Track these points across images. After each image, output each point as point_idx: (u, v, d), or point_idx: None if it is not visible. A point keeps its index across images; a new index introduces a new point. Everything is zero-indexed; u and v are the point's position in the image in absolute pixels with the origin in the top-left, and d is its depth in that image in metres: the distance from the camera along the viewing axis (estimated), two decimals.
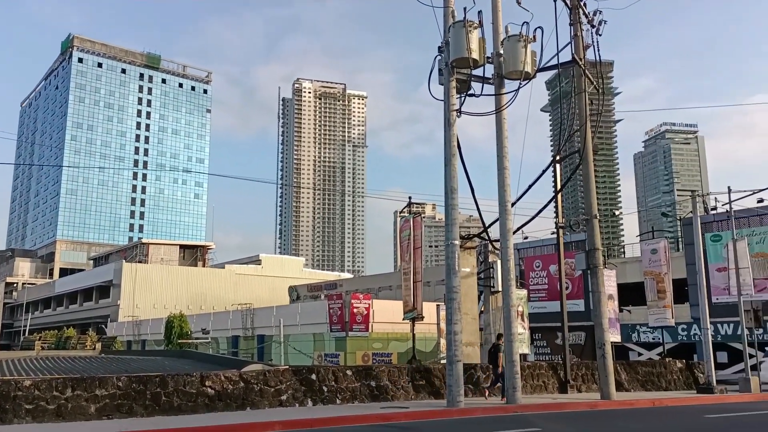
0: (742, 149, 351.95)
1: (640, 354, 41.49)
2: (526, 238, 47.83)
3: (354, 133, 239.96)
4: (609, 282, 24.79)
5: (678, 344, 40.20)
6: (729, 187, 22.53)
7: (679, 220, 43.14)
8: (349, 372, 15.41)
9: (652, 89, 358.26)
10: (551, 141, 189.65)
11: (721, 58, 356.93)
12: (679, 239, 42.08)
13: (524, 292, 30.32)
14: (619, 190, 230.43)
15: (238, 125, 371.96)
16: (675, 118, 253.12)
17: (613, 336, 24.43)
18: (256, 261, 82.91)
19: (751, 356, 37.57)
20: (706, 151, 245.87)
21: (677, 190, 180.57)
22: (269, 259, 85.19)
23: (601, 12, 18.04)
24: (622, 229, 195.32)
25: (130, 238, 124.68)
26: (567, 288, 44.66)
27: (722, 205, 29.99)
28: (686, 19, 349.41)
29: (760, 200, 35.79)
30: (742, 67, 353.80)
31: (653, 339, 41.57)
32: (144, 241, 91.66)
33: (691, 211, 43.37)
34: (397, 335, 36.82)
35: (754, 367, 36.49)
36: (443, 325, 18.90)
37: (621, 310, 42.16)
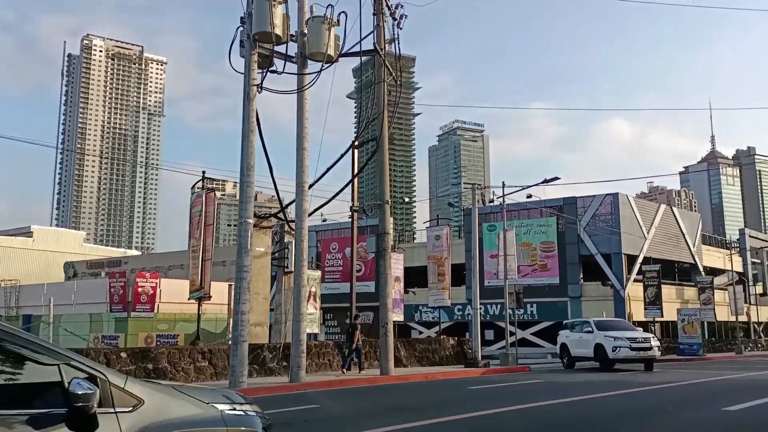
0: (520, 149, 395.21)
1: (420, 332, 44.66)
2: (324, 220, 48.78)
3: (150, 100, 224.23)
4: (397, 265, 26.14)
5: (454, 323, 43.98)
6: (503, 183, 24.98)
7: (462, 210, 46.93)
8: (123, 354, 14.41)
9: (448, 86, 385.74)
10: (355, 127, 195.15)
11: (510, 63, 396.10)
12: (461, 227, 45.92)
13: (318, 273, 30.78)
14: (415, 180, 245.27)
15: (10, 77, 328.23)
16: (467, 116, 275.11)
17: (397, 315, 25.87)
18: (27, 233, 74.02)
19: (512, 333, 42.40)
20: (489, 148, 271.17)
21: (463, 183, 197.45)
22: (43, 232, 76.41)
23: (402, 6, 18.75)
24: (416, 216, 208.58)
25: None
26: (360, 270, 46.59)
27: (497, 197, 33.22)
28: (484, 23, 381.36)
29: (529, 196, 40.20)
30: (525, 72, 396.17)
31: (433, 318, 44.92)
32: None
33: (483, 203, 47.27)
34: (186, 316, 35.24)
35: (514, 344, 41.22)
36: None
37: (407, 292, 44.98)
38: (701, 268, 45.79)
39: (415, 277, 40.99)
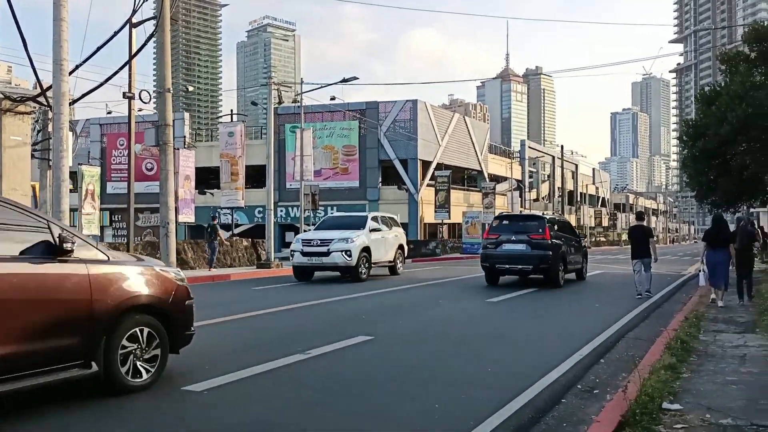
0: (333, 53, 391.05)
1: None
2: (110, 112, 44.01)
3: None
4: (187, 162, 24.42)
5: (255, 225, 43.22)
6: (302, 79, 23.90)
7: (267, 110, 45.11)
8: None
9: None
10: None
11: None
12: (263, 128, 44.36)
13: (97, 169, 27.82)
14: (221, 74, 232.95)
15: None
16: (279, 13, 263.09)
17: (187, 216, 24.45)
18: None
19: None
20: (302, 50, 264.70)
21: (273, 82, 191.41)
22: None
23: None
24: (222, 113, 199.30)
25: None
26: (152, 168, 43.31)
27: (299, 94, 32.13)
28: None
29: (332, 98, 39.73)
30: None
31: (234, 221, 43.77)
32: None
33: (279, 103, 45.52)
34: None
35: (288, 245, 41.76)
36: None
37: (204, 192, 43.00)
38: (486, 175, 49.57)
39: (216, 178, 39.07)
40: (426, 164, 41.72)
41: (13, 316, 4.38)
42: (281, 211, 41.41)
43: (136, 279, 5.36)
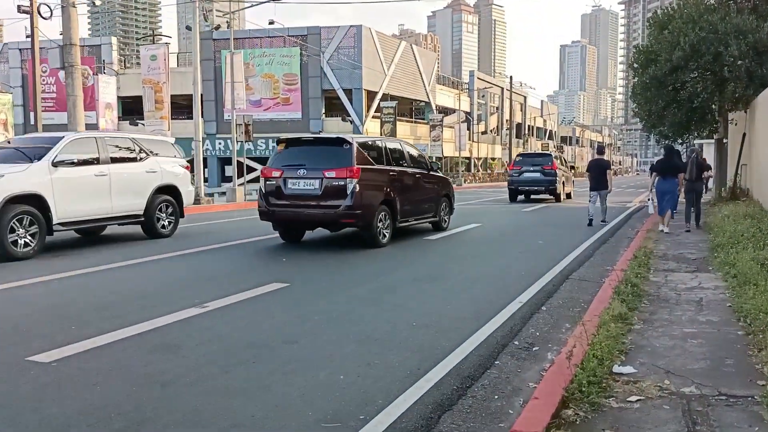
0: None
1: None
2: (28, 36, 40.34)
3: None
4: (107, 89, 22.40)
5: (190, 159, 41.15)
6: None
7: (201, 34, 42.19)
8: None
9: None
10: None
11: None
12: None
13: (8, 96, 25.51)
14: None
15: None
16: None
17: None
18: None
19: (253, 169, 41.13)
20: None
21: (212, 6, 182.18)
22: None
23: None
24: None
25: None
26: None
27: (229, 13, 29.70)
28: None
29: (271, 22, 37.30)
30: None
31: None
32: None
33: (216, 27, 42.60)
34: None
35: (252, 180, 40.12)
36: None
37: (135, 123, 40.42)
38: (434, 107, 48.31)
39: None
40: (371, 95, 40.11)
41: None
42: (220, 143, 39.41)
43: None
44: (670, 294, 6.33)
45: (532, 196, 23.13)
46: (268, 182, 9.98)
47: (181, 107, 41.11)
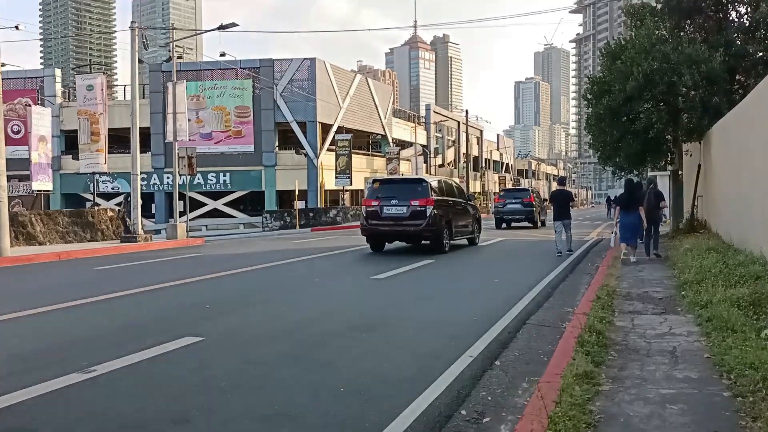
0: (236, 15, 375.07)
1: (98, 204, 39.34)
2: None
3: None
4: (41, 120, 21.06)
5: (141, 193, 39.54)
6: (173, 24, 20.88)
7: (151, 67, 41.07)
8: None
9: None
10: None
11: None
12: (147, 87, 40.26)
13: None
14: (116, 29, 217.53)
15: None
16: None
17: (43, 183, 21.20)
18: None
19: (203, 204, 39.74)
20: (203, 11, 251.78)
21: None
22: None
23: None
24: (117, 77, 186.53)
25: None
26: (19, 131, 38.41)
27: (184, 49, 28.77)
28: None
29: (222, 54, 36.47)
30: None
31: (112, 189, 39.88)
32: None
33: (169, 59, 41.57)
34: None
35: (201, 216, 38.73)
36: None
37: (78, 158, 38.73)
38: (390, 140, 47.91)
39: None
40: (326, 127, 39.41)
41: None
42: (168, 177, 37.98)
43: None
44: (640, 342, 5.55)
45: (513, 224, 26.65)
46: (369, 209, 13.98)
47: (128, 141, 39.70)
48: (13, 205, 38.23)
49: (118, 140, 38.71)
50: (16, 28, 18.92)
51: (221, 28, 19.76)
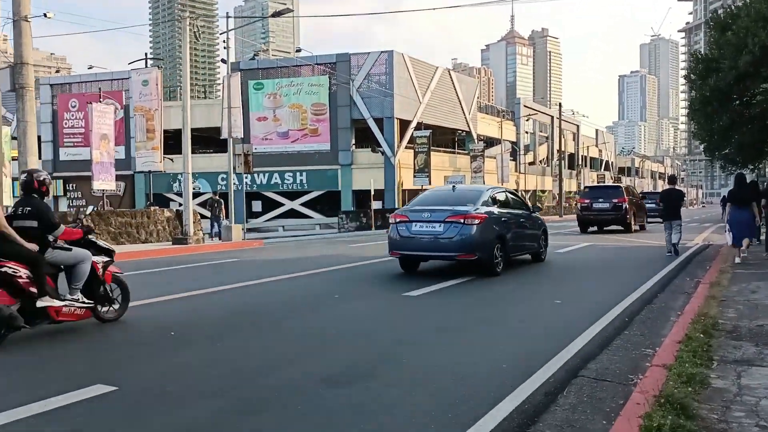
0: (335, 19, 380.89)
1: (180, 204, 39.73)
2: (57, 71, 40.17)
3: None
4: (103, 119, 20.71)
5: (220, 193, 39.54)
6: (227, 13, 19.85)
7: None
8: None
9: None
10: None
11: None
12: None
13: (6, 129, 24.24)
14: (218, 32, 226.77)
15: None
16: None
17: (106, 183, 20.85)
18: None
19: (280, 204, 39.14)
20: (300, 13, 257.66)
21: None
22: None
23: None
24: (218, 71, 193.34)
25: None
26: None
27: (263, 51, 28.02)
28: None
29: (298, 50, 35.65)
30: None
31: (195, 188, 40.07)
32: None
33: (254, 57, 41.38)
34: None
35: (277, 217, 38.09)
36: None
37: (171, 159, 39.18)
38: (475, 136, 45.52)
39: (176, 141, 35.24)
40: (404, 124, 37.68)
41: None
42: (246, 177, 37.63)
43: None
44: (749, 426, 3.39)
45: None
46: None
47: (208, 141, 39.80)
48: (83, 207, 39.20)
49: (201, 140, 38.87)
50: (45, 15, 18.52)
51: (275, 15, 18.45)
